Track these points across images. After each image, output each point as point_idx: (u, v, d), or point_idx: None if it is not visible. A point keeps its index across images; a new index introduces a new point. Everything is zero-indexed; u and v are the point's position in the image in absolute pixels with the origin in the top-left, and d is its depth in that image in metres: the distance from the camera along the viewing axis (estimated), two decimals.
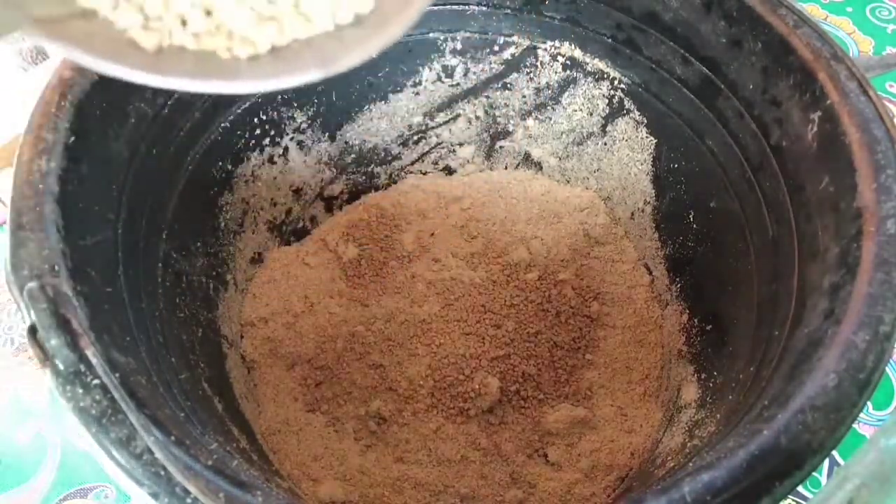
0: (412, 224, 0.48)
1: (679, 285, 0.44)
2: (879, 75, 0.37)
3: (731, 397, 0.32)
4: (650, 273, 0.46)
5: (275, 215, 0.46)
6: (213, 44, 0.21)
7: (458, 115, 0.49)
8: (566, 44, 0.44)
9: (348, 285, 0.46)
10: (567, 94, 0.46)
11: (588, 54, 0.44)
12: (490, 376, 0.41)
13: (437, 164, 0.51)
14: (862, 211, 0.27)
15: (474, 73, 0.47)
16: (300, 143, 0.45)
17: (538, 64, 0.46)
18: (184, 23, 0.21)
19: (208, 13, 0.21)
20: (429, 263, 0.46)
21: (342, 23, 0.22)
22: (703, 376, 0.38)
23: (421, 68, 0.46)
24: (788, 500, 0.41)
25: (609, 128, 0.46)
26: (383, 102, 0.47)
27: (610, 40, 0.42)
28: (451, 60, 0.46)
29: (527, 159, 0.51)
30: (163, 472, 0.23)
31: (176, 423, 0.25)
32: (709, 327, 0.40)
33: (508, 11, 0.44)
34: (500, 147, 0.50)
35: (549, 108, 0.48)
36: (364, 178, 0.50)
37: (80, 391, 0.23)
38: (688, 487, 0.22)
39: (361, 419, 0.40)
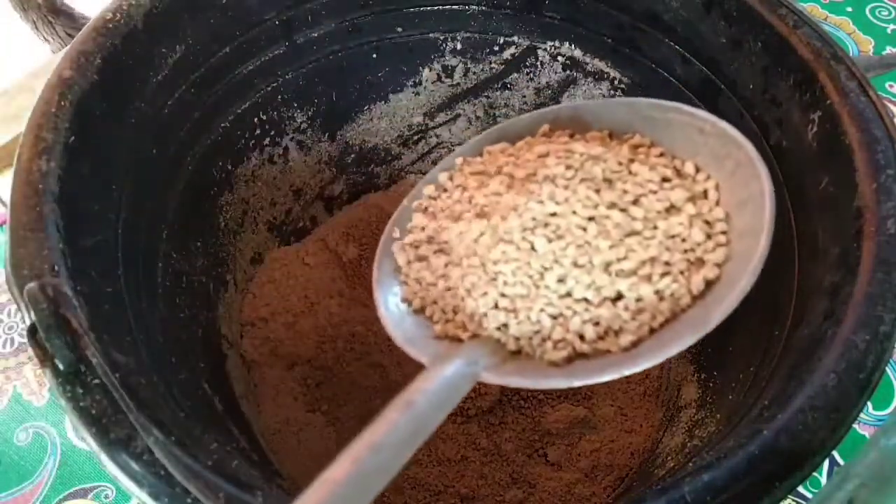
0: None
1: None
2: (879, 75, 0.37)
3: (731, 397, 0.32)
4: None
5: (275, 215, 0.46)
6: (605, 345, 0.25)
7: (458, 115, 0.49)
8: (566, 44, 0.44)
9: (348, 285, 0.46)
10: (567, 94, 0.46)
11: (588, 54, 0.44)
12: None
13: (436, 163, 0.51)
14: (862, 211, 0.27)
15: (474, 73, 0.47)
16: (300, 143, 0.45)
17: (538, 64, 0.46)
18: (581, 337, 0.25)
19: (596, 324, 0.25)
20: None
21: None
22: (703, 376, 0.38)
23: (421, 68, 0.46)
24: (788, 500, 0.41)
25: None
26: (383, 102, 0.47)
27: (610, 40, 0.42)
28: (451, 60, 0.46)
29: None
30: (163, 472, 0.23)
31: (176, 423, 0.25)
32: None
33: (508, 11, 0.44)
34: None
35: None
36: (364, 178, 0.50)
37: (80, 391, 0.23)
38: (688, 487, 0.22)
39: (361, 419, 0.40)
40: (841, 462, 0.42)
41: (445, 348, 0.26)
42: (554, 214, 0.26)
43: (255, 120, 0.42)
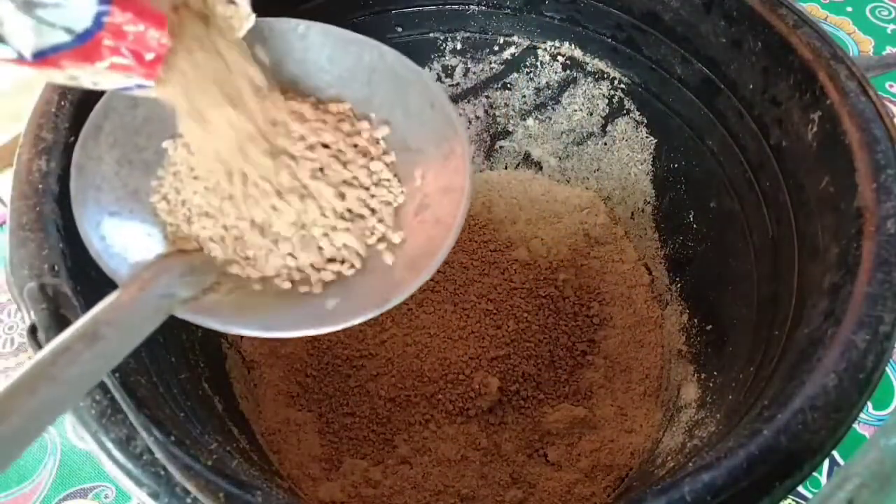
0: None
1: (679, 285, 0.44)
2: (879, 75, 0.37)
3: (731, 397, 0.32)
4: (650, 273, 0.46)
5: None
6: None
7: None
8: (566, 44, 0.44)
9: None
10: (567, 93, 0.46)
11: (588, 54, 0.44)
12: (490, 376, 0.41)
13: None
14: (862, 211, 0.27)
15: (474, 73, 0.47)
16: None
17: (538, 64, 0.46)
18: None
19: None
20: None
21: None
22: (703, 376, 0.38)
23: (421, 68, 0.46)
24: (788, 500, 0.41)
25: (609, 128, 0.46)
26: None
27: (610, 40, 0.42)
28: (451, 60, 0.46)
29: (527, 159, 0.51)
30: (163, 472, 0.23)
31: (176, 423, 0.25)
32: (709, 327, 0.40)
33: (508, 11, 0.44)
34: (500, 147, 0.50)
35: (549, 107, 0.48)
36: None
37: None
38: (688, 487, 0.22)
39: (361, 419, 0.40)
40: (841, 462, 0.42)
41: (147, 272, 0.25)
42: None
43: None
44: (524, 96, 0.48)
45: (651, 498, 0.22)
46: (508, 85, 0.47)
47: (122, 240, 0.26)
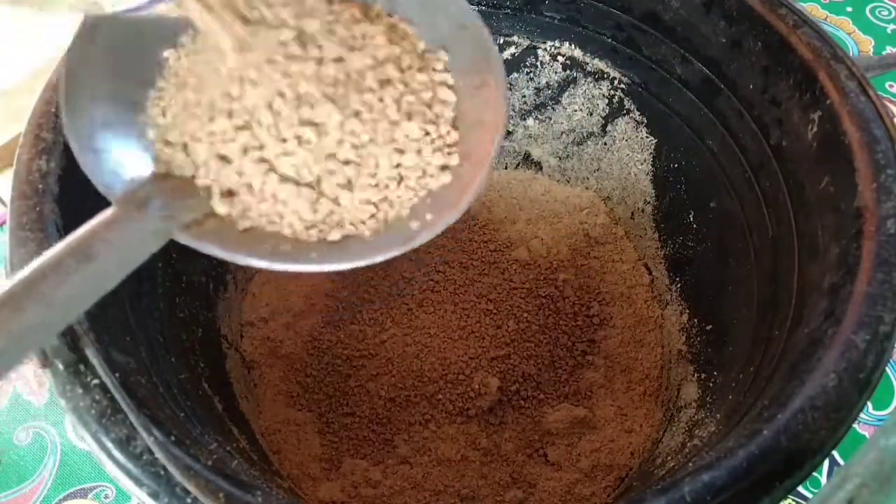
0: None
1: (679, 285, 0.44)
2: (879, 75, 0.37)
3: (731, 397, 0.32)
4: (650, 273, 0.46)
5: None
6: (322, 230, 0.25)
7: None
8: (566, 44, 0.44)
9: (348, 285, 0.46)
10: (567, 94, 0.46)
11: (588, 54, 0.44)
12: (490, 376, 0.41)
13: None
14: (862, 211, 0.27)
15: None
16: None
17: (538, 64, 0.46)
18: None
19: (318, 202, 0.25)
20: (429, 263, 0.46)
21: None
22: (703, 376, 0.38)
23: None
24: (788, 500, 0.41)
25: (609, 128, 0.46)
26: None
27: (610, 40, 0.42)
28: None
29: (527, 159, 0.51)
30: (163, 472, 0.23)
31: (176, 423, 0.25)
32: (709, 327, 0.40)
33: (508, 11, 0.44)
34: (500, 147, 0.50)
35: (549, 108, 0.48)
36: None
37: (80, 391, 0.23)
38: (688, 487, 0.22)
39: (361, 419, 0.40)
40: (841, 462, 0.42)
41: (144, 190, 0.23)
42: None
43: None
44: (524, 96, 0.48)
45: (651, 498, 0.22)
46: (508, 85, 0.47)
47: (116, 155, 0.24)
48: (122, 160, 0.24)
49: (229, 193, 0.24)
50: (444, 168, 0.26)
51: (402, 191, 0.26)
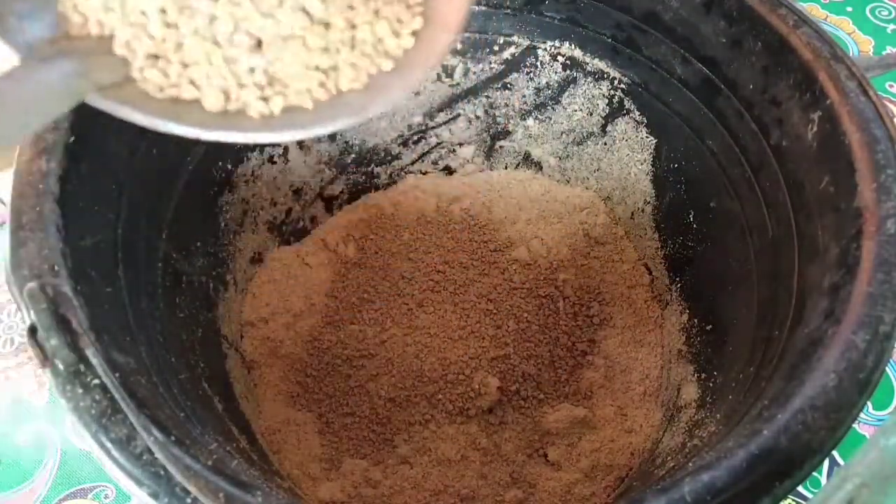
0: (412, 224, 0.48)
1: (679, 285, 0.44)
2: (879, 75, 0.37)
3: (731, 397, 0.32)
4: (650, 273, 0.46)
5: (275, 215, 0.46)
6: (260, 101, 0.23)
7: (458, 115, 0.49)
8: (566, 44, 0.44)
9: (348, 285, 0.46)
10: (567, 93, 0.46)
11: (588, 54, 0.44)
12: (490, 376, 0.41)
13: (437, 164, 0.51)
14: (862, 211, 0.27)
15: (474, 72, 0.47)
16: (300, 143, 0.45)
17: (538, 64, 0.46)
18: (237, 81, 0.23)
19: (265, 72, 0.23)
20: (429, 263, 0.46)
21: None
22: (703, 376, 0.38)
23: None
24: (788, 500, 0.41)
25: (609, 128, 0.46)
26: None
27: (610, 40, 0.42)
28: (451, 60, 0.46)
29: (527, 159, 0.51)
30: (163, 472, 0.23)
31: (176, 423, 0.25)
32: (709, 327, 0.40)
33: (508, 11, 0.44)
34: (500, 147, 0.50)
35: (549, 107, 0.48)
36: (364, 178, 0.50)
37: (80, 391, 0.23)
38: (688, 487, 0.22)
39: (361, 419, 0.40)
40: (841, 462, 0.42)
41: (55, 47, 0.22)
42: None
43: None
44: (524, 96, 0.48)
45: (651, 498, 0.22)
46: (508, 85, 0.47)
47: (26, 11, 0.22)
48: (33, 16, 0.23)
49: (153, 57, 0.22)
50: (403, 32, 0.24)
51: (355, 56, 0.23)
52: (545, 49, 0.45)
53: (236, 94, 0.23)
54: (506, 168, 0.51)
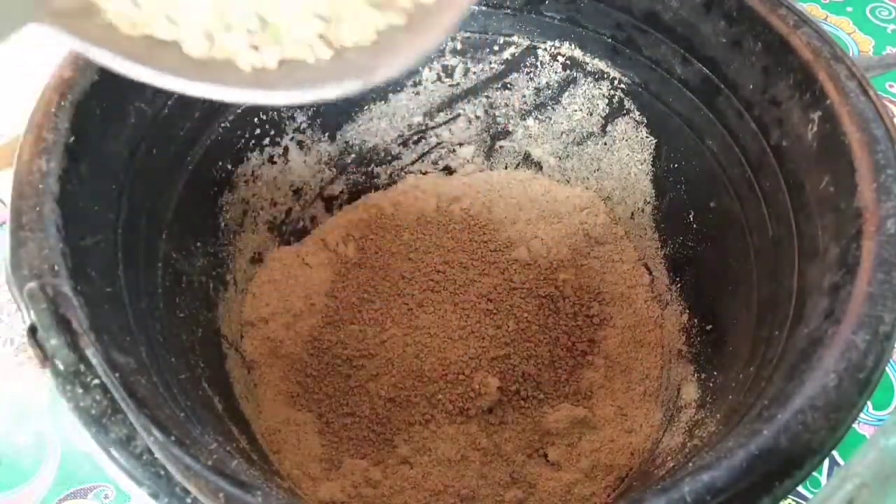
0: (412, 224, 0.48)
1: (679, 285, 0.44)
2: (879, 75, 0.37)
3: (731, 397, 0.32)
4: (650, 273, 0.46)
5: (275, 215, 0.46)
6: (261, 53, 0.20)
7: (458, 115, 0.49)
8: (566, 44, 0.44)
9: (348, 285, 0.46)
10: (567, 94, 0.46)
11: (588, 54, 0.44)
12: (490, 376, 0.41)
13: (437, 164, 0.51)
14: (862, 211, 0.27)
15: (474, 72, 0.47)
16: (300, 143, 0.45)
17: (538, 64, 0.46)
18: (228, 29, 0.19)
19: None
20: (429, 263, 0.46)
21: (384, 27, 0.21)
22: (703, 376, 0.38)
23: (421, 68, 0.46)
24: (788, 500, 0.41)
25: (609, 128, 0.46)
26: (383, 102, 0.47)
27: (610, 40, 0.42)
28: (451, 60, 0.46)
29: (527, 159, 0.51)
30: (163, 472, 0.23)
31: (176, 423, 0.25)
32: (709, 327, 0.40)
33: (508, 11, 0.44)
34: (500, 147, 0.50)
35: (549, 108, 0.48)
36: (364, 178, 0.50)
37: (80, 391, 0.23)
38: (688, 487, 0.22)
39: (361, 419, 0.40)
40: (841, 462, 0.42)
41: None
42: None
43: (256, 120, 0.42)
44: (524, 96, 0.48)
45: (651, 498, 0.22)
46: (508, 85, 0.47)
47: None
48: None
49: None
50: None
51: (360, 3, 0.21)
52: (545, 49, 0.45)
53: (221, 37, 0.20)
54: (506, 168, 0.51)
